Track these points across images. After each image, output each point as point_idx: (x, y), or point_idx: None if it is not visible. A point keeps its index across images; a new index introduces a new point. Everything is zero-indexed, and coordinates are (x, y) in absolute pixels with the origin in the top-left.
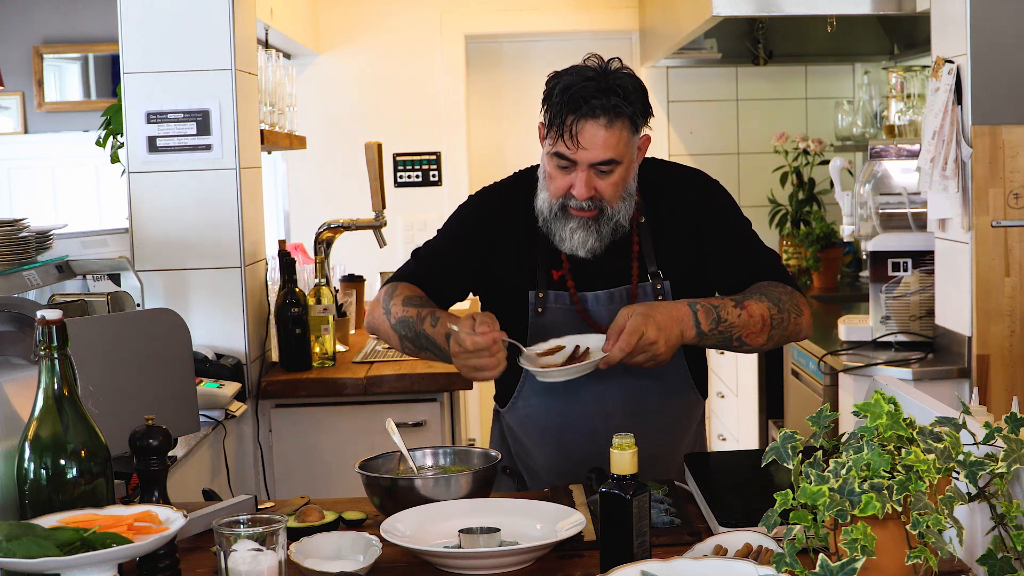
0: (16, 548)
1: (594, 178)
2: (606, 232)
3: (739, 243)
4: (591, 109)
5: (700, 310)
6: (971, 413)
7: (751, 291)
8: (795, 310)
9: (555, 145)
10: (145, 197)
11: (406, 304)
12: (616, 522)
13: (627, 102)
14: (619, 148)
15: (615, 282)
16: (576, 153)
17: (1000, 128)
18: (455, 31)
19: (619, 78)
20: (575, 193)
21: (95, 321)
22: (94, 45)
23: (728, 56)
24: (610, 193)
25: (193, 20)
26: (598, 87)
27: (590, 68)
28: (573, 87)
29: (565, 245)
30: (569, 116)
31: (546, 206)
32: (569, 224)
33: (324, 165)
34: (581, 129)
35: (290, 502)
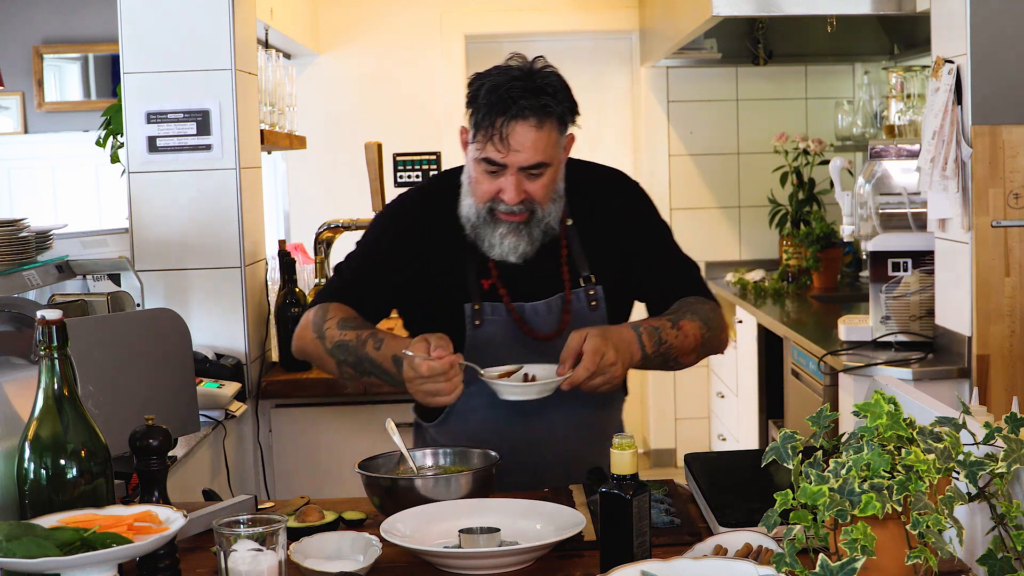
0: (16, 548)
1: (524, 181)
2: (537, 235)
3: (663, 250)
4: (520, 110)
5: (644, 333)
6: (971, 413)
7: (683, 309)
8: (720, 327)
9: (483, 150)
10: (145, 197)
11: (342, 327)
12: (616, 522)
13: (556, 100)
14: (549, 149)
15: (546, 288)
16: (507, 156)
17: (1000, 128)
18: (455, 31)
19: (545, 77)
20: (505, 198)
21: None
22: (94, 45)
23: (728, 56)
24: (541, 195)
25: (193, 20)
26: (526, 87)
27: (515, 68)
28: (500, 88)
29: (495, 251)
30: (498, 118)
31: (473, 212)
32: (499, 229)
33: (324, 165)
34: (511, 131)
35: (290, 502)
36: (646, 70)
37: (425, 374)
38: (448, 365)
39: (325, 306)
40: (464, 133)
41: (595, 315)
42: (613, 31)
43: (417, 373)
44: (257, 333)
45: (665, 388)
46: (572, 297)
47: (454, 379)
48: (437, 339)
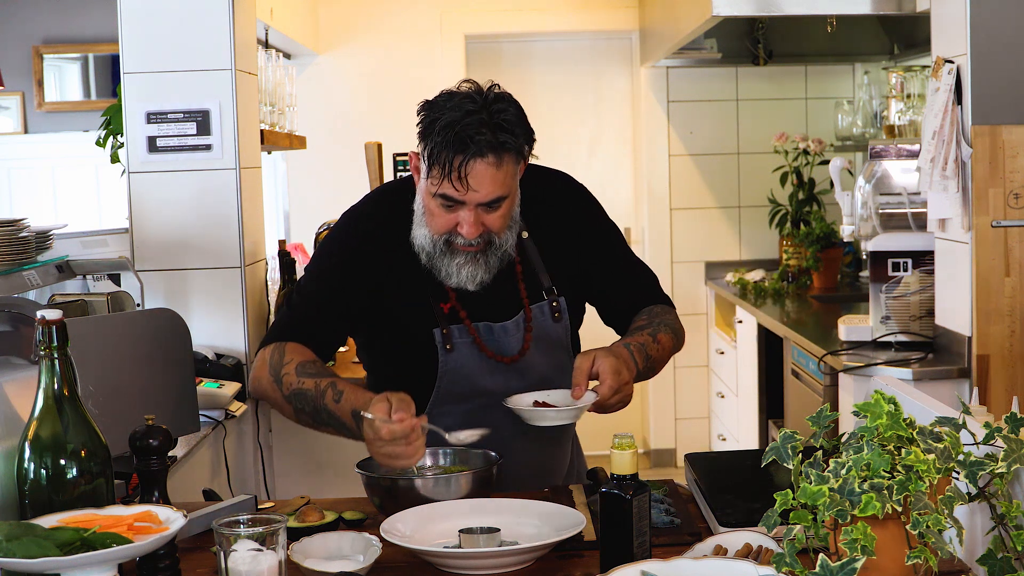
0: (16, 548)
1: (482, 215)
2: (494, 263)
3: (622, 257)
4: (479, 149)
5: (635, 351)
6: (971, 413)
7: (655, 322)
8: (681, 332)
9: (440, 186)
10: (145, 197)
11: (301, 373)
12: (616, 522)
13: (513, 135)
14: (507, 182)
15: (506, 307)
16: (465, 195)
17: (1000, 128)
18: (455, 31)
19: (502, 110)
20: (463, 232)
21: (95, 321)
22: (94, 45)
23: (728, 56)
24: (498, 226)
25: (193, 20)
26: (482, 122)
27: (469, 99)
28: (456, 124)
29: (452, 280)
30: (457, 157)
31: (428, 242)
32: (456, 260)
33: (324, 165)
34: (470, 170)
35: (290, 502)
36: (646, 70)
37: (385, 437)
38: (409, 429)
39: (282, 347)
40: (415, 159)
41: (558, 327)
42: (613, 31)
43: (377, 435)
44: (257, 333)
45: (665, 388)
46: (535, 311)
47: (415, 443)
48: (399, 400)
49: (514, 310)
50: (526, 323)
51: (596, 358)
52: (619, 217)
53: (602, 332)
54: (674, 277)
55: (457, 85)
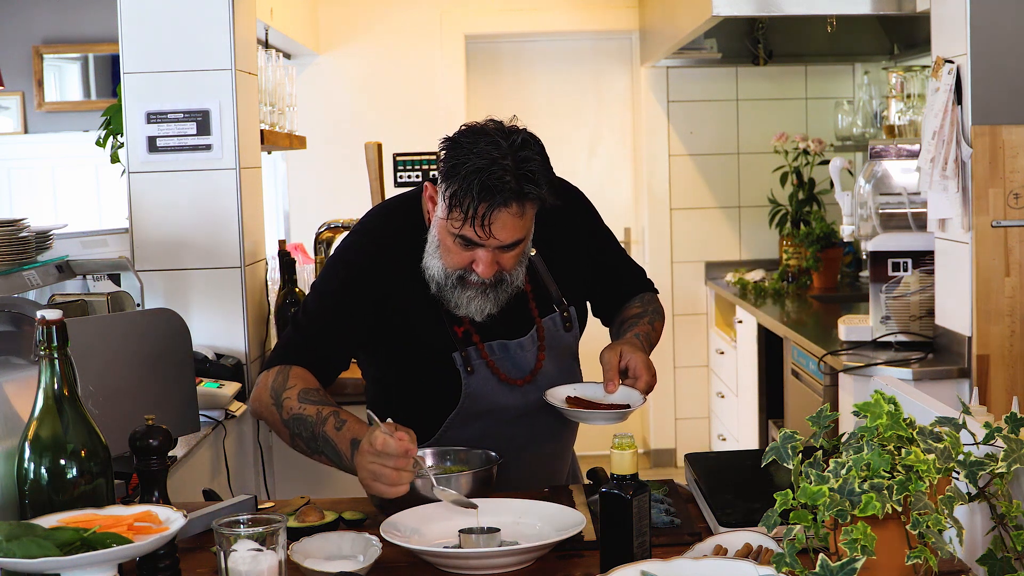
0: (16, 548)
1: (498, 255)
2: (503, 298)
3: (613, 255)
4: (505, 200)
5: (643, 342)
6: (971, 413)
7: (648, 309)
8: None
9: (461, 228)
10: (145, 197)
11: (303, 399)
12: (616, 522)
13: (537, 185)
14: (526, 228)
15: (519, 323)
16: (487, 240)
17: (1000, 128)
18: (455, 31)
19: (528, 158)
20: (479, 271)
21: (95, 321)
22: (94, 45)
23: (728, 56)
24: (511, 265)
25: (193, 20)
26: (507, 170)
27: (496, 143)
28: (483, 173)
29: (460, 311)
30: (481, 206)
31: (441, 275)
32: (466, 293)
33: (324, 165)
34: (494, 219)
35: (290, 502)
36: (646, 70)
37: (377, 447)
38: (403, 450)
39: (286, 370)
40: (430, 189)
41: (569, 336)
42: (613, 31)
43: (371, 447)
44: (257, 333)
45: (665, 388)
46: (546, 326)
47: (403, 470)
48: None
49: (526, 326)
50: (540, 341)
51: (623, 353)
52: (619, 217)
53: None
54: (674, 277)
55: (482, 122)
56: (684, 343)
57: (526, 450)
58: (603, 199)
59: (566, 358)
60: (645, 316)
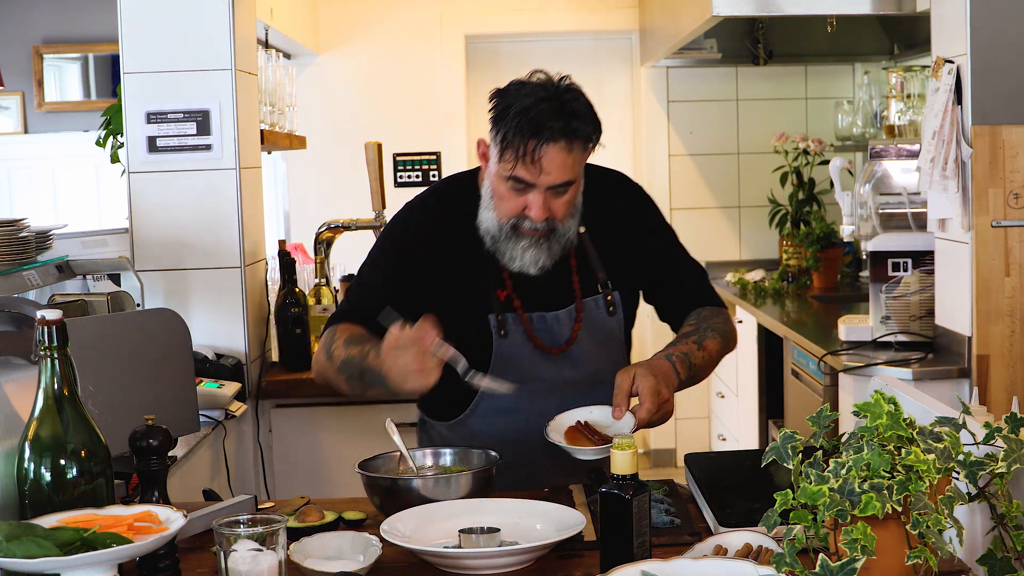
0: (16, 548)
1: (549, 199)
2: (556, 249)
3: (675, 257)
4: (552, 134)
5: (677, 362)
6: (971, 413)
7: (702, 327)
8: (731, 335)
9: (513, 169)
10: (145, 197)
11: (348, 344)
12: (616, 522)
13: (583, 122)
14: (576, 168)
15: (559, 298)
16: (538, 178)
17: (1000, 128)
18: (455, 31)
19: (573, 98)
20: (532, 215)
21: (95, 321)
22: (94, 45)
23: (728, 56)
24: (563, 212)
25: (193, 20)
26: (556, 109)
27: (542, 87)
28: (531, 110)
29: (515, 264)
30: (531, 140)
31: (495, 226)
32: (520, 243)
33: (324, 165)
34: (544, 154)
35: (290, 502)
36: (646, 70)
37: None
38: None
39: (334, 328)
40: (483, 146)
41: (612, 321)
42: (613, 31)
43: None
44: (257, 333)
45: None
46: (586, 305)
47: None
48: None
49: (567, 301)
50: (577, 314)
51: (636, 376)
52: None
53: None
54: None
55: (528, 75)
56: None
57: None
58: None
59: (611, 346)
60: (694, 335)
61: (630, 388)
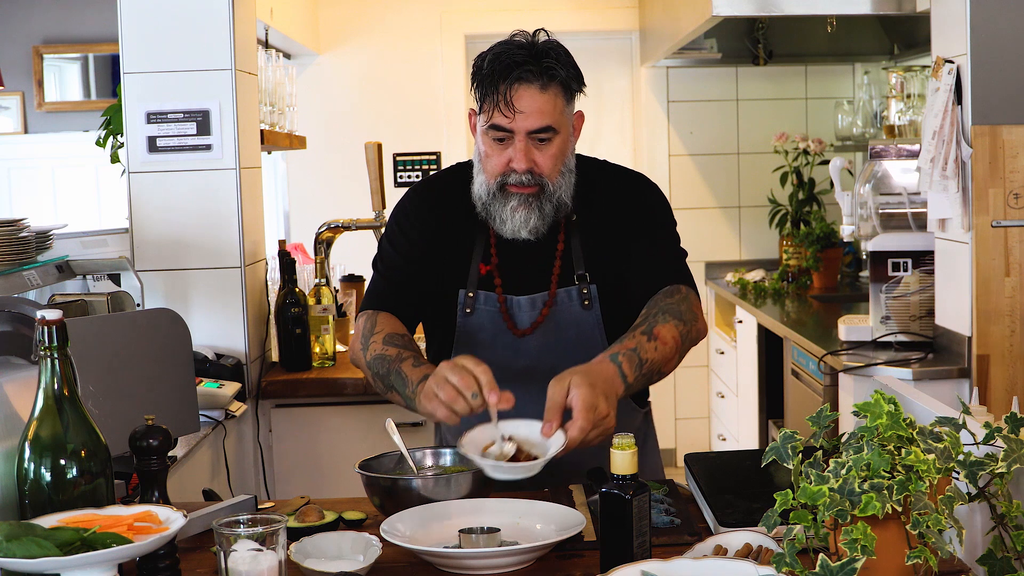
0: (16, 548)
1: (532, 149)
2: (548, 210)
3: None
4: (524, 73)
5: (624, 362)
6: (971, 413)
7: (652, 312)
8: (694, 317)
9: (491, 117)
10: (145, 197)
11: (387, 342)
12: (616, 522)
13: (559, 64)
14: (555, 115)
15: (538, 283)
16: (513, 121)
17: (1000, 128)
18: (455, 31)
19: (549, 45)
20: (514, 165)
21: (95, 321)
22: (94, 45)
23: (728, 56)
24: (549, 166)
25: (193, 20)
26: (529, 53)
27: (517, 40)
28: (503, 55)
29: (507, 227)
30: (502, 83)
31: (483, 189)
32: (509, 203)
33: (324, 165)
34: (516, 94)
35: (290, 502)
36: (646, 70)
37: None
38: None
39: (374, 316)
40: (472, 116)
41: (588, 315)
42: (613, 31)
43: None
44: (257, 333)
45: (665, 388)
46: (561, 294)
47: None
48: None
49: (542, 287)
50: (546, 301)
51: (571, 385)
52: None
53: None
54: None
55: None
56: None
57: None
58: None
59: (586, 340)
60: (643, 324)
61: (564, 400)
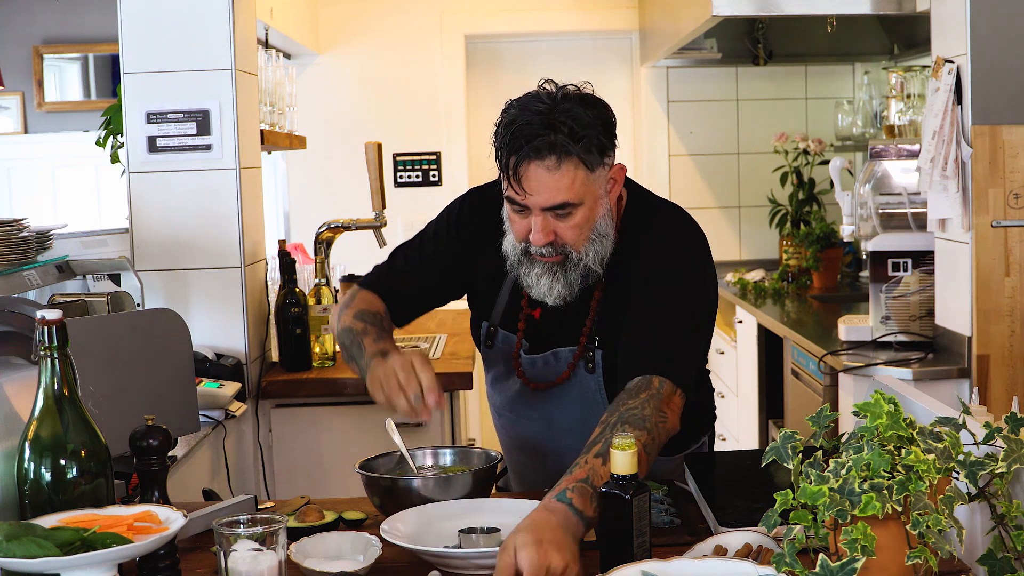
0: (16, 548)
1: (552, 221)
2: (574, 278)
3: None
4: (534, 149)
5: (575, 498)
6: (971, 413)
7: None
8: (661, 418)
9: (506, 189)
10: (145, 197)
11: (357, 316)
12: (616, 522)
13: (574, 139)
14: (573, 189)
15: (563, 338)
16: (525, 198)
17: (1000, 128)
18: (455, 31)
19: (570, 110)
20: (532, 240)
21: (95, 321)
22: (94, 45)
23: (728, 56)
24: (572, 237)
25: (193, 20)
26: (544, 122)
27: (540, 99)
28: (516, 123)
29: (532, 291)
30: (511, 157)
31: (511, 249)
32: (534, 269)
33: (324, 165)
34: (525, 172)
35: (290, 502)
36: (646, 70)
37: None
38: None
39: (356, 292)
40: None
41: (591, 379)
42: (613, 31)
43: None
44: (257, 333)
45: None
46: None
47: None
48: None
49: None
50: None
51: (516, 548)
52: None
53: None
54: None
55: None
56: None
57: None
58: None
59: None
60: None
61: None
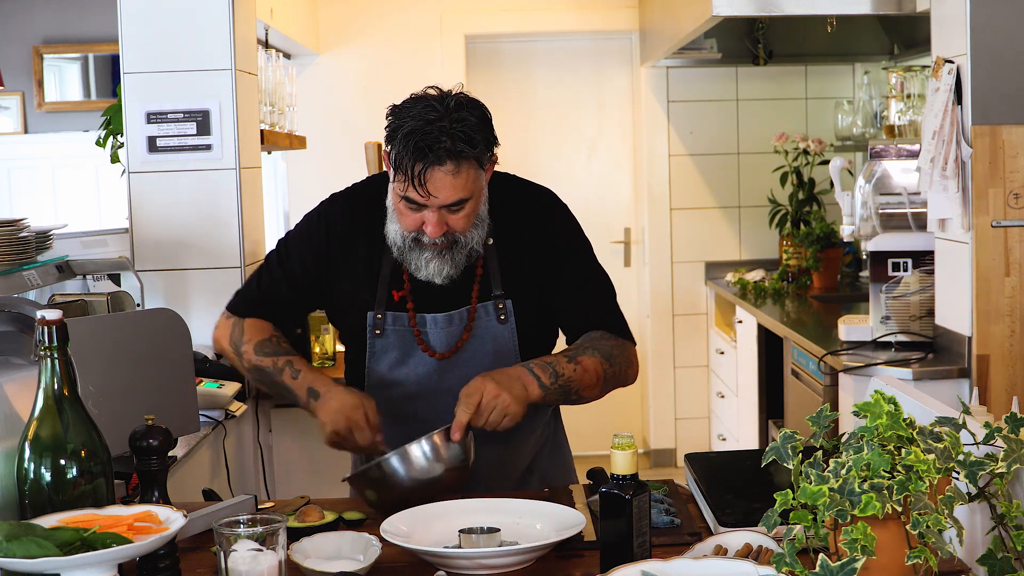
0: (16, 548)
1: (446, 215)
2: (460, 259)
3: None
4: (437, 157)
5: (536, 367)
6: (971, 413)
7: (583, 345)
8: (625, 362)
9: (404, 190)
10: (145, 197)
11: (258, 352)
12: (616, 522)
13: (471, 144)
14: (468, 186)
15: (455, 303)
16: (427, 199)
17: (1000, 128)
18: (455, 31)
19: (462, 118)
20: (428, 232)
21: (95, 321)
22: (94, 45)
23: (728, 56)
24: (462, 226)
25: (193, 20)
26: (443, 130)
27: (432, 107)
28: (417, 133)
29: (421, 273)
30: (417, 164)
31: (399, 237)
32: (424, 254)
33: (324, 165)
34: (429, 177)
35: (290, 502)
36: (646, 70)
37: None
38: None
39: (241, 323)
40: (387, 157)
41: (504, 329)
42: (613, 31)
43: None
44: None
45: (665, 388)
46: (479, 310)
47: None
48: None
49: (461, 305)
50: (468, 320)
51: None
52: (619, 217)
53: None
54: (674, 277)
55: (423, 90)
56: (684, 343)
57: None
58: (603, 199)
59: (503, 355)
60: (569, 351)
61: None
